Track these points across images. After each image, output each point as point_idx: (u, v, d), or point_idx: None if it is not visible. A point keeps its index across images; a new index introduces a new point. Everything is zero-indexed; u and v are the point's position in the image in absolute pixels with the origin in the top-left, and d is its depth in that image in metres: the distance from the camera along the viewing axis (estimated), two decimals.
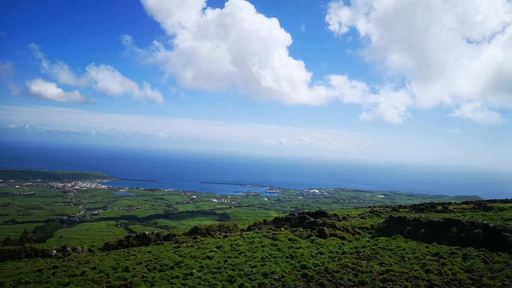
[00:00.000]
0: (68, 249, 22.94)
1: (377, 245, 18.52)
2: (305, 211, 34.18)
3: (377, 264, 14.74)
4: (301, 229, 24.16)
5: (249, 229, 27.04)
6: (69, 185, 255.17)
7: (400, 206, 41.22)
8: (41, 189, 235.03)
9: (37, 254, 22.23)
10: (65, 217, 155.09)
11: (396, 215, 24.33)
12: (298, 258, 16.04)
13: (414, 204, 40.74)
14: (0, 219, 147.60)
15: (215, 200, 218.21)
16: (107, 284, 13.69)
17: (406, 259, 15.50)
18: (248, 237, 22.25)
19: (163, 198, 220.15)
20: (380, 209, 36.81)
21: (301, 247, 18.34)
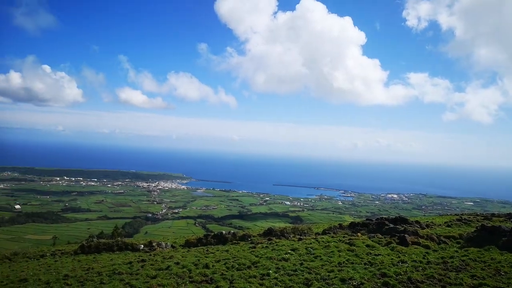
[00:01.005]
0: (153, 244, 24.67)
1: (467, 256, 16.94)
2: (383, 216, 32.60)
3: (467, 277, 13.50)
4: (380, 236, 23.09)
5: (324, 233, 26.61)
6: (153, 185, 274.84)
7: (493, 215, 37.26)
8: (129, 188, 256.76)
9: (127, 248, 24.26)
10: (150, 215, 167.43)
11: (489, 225, 22.04)
12: (378, 265, 15.35)
13: (510, 213, 36.56)
14: (95, 214, 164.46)
15: (288, 203, 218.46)
16: (190, 279, 14.49)
17: (502, 273, 13.94)
18: (323, 241, 21.89)
19: (237, 199, 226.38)
20: (469, 217, 33.65)
21: (380, 254, 17.53)
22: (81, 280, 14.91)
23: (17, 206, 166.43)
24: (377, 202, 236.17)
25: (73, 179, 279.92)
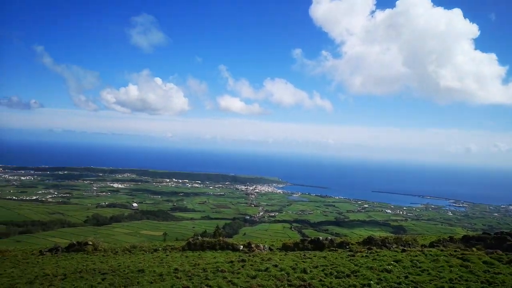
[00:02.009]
0: (252, 245, 25.47)
1: None
2: (505, 231, 28.58)
3: None
4: (500, 252, 20.27)
5: (431, 245, 24.40)
6: (251, 188, 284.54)
7: None
8: (228, 190, 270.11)
9: (228, 247, 25.47)
10: (248, 217, 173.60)
11: None
12: (498, 286, 13.52)
13: None
14: (199, 214, 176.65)
15: (389, 211, 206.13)
16: (288, 283, 14.62)
17: None
18: (431, 254, 20.08)
19: (333, 205, 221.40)
20: None
21: (500, 273, 15.40)
22: (189, 275, 16.15)
23: (135, 205, 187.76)
24: (496, 214, 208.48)
25: (180, 181, 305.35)
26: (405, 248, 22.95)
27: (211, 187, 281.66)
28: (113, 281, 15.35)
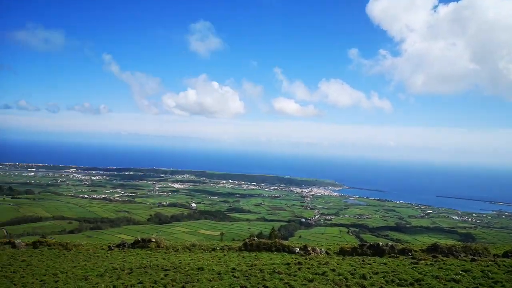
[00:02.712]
0: (308, 248, 25.19)
1: None
2: None
3: None
4: None
5: (505, 255, 22.41)
6: (306, 191, 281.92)
7: None
8: (284, 192, 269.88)
9: (284, 250, 25.42)
10: (303, 220, 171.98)
11: None
12: None
13: None
14: (254, 216, 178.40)
15: (455, 218, 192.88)
16: None
17: None
18: (504, 265, 18.47)
19: (394, 210, 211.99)
20: None
21: None
22: (246, 275, 16.39)
23: (193, 205, 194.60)
24: None
25: (236, 182, 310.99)
26: (474, 258, 21.32)
27: (266, 189, 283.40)
28: (174, 277, 16.04)
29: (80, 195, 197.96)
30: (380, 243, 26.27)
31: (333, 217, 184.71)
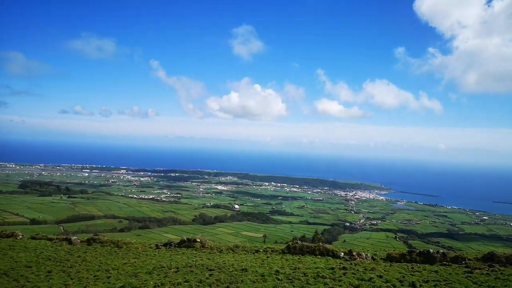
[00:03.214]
0: (354, 253, 24.55)
1: None
2: None
3: None
4: None
5: None
6: (350, 194, 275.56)
7: None
8: (327, 195, 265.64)
9: (328, 254, 24.96)
10: (347, 224, 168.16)
11: None
12: None
13: None
14: (297, 218, 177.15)
15: None
16: None
17: None
18: None
19: (445, 216, 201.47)
20: None
21: None
22: (289, 278, 16.29)
23: (236, 206, 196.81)
24: None
25: (279, 184, 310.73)
26: None
27: (309, 192, 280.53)
28: (219, 277, 16.30)
29: (129, 195, 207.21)
30: (431, 250, 25.06)
31: (379, 221, 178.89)
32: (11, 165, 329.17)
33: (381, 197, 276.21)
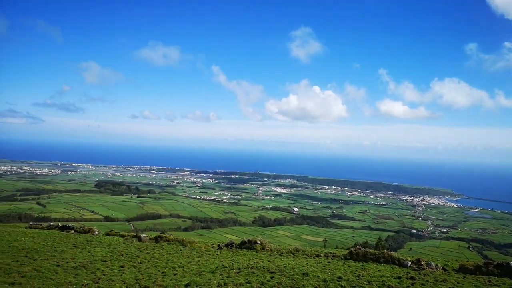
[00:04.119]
0: (422, 263, 23.15)
1: None
2: None
3: None
4: None
5: None
6: (417, 200, 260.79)
7: None
8: (391, 201, 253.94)
9: (394, 262, 23.78)
10: (414, 231, 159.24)
11: None
12: None
13: None
14: (359, 223, 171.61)
15: None
16: None
17: None
18: None
19: None
20: None
21: None
22: (353, 285, 15.79)
23: (296, 209, 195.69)
24: None
25: (339, 188, 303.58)
26: None
27: (371, 196, 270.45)
28: (280, 280, 16.29)
29: (192, 196, 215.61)
30: (511, 263, 22.83)
31: (450, 229, 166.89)
32: (88, 166, 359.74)
33: (452, 204, 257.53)
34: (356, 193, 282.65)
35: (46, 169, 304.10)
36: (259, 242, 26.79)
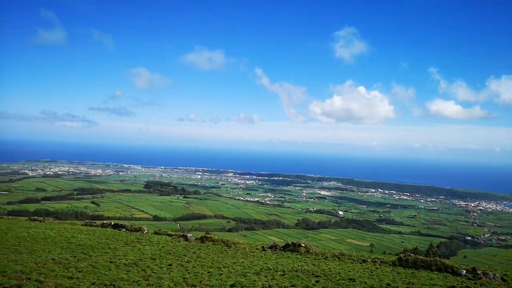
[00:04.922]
0: (478, 272, 21.77)
1: None
2: None
3: None
4: None
5: None
6: (472, 205, 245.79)
7: None
8: (443, 205, 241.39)
9: (447, 270, 22.55)
10: (469, 238, 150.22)
11: None
12: None
13: None
14: (408, 229, 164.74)
15: None
16: None
17: None
18: None
19: None
20: None
21: None
22: None
23: (340, 213, 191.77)
24: None
25: (387, 191, 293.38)
26: None
27: (421, 200, 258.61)
28: (325, 285, 16.02)
29: (236, 197, 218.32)
30: None
31: (509, 237, 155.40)
32: (138, 167, 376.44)
33: (511, 209, 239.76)
34: (405, 197, 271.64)
35: (100, 170, 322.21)
36: (303, 245, 26.52)
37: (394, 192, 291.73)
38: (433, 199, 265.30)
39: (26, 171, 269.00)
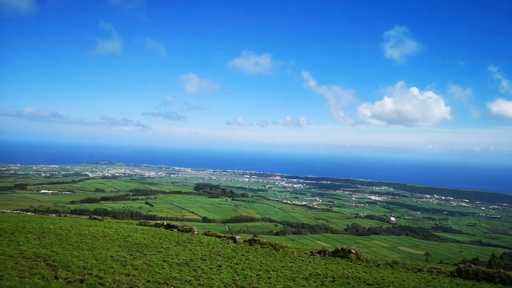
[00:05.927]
0: None
1: None
2: None
3: None
4: None
5: None
6: None
7: None
8: (507, 213, 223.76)
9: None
10: None
11: None
12: None
13: None
14: (467, 237, 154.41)
15: None
16: None
17: None
18: None
19: None
20: None
21: None
22: None
23: (392, 219, 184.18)
24: None
25: (443, 197, 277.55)
26: None
27: (482, 208, 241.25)
28: None
29: (283, 201, 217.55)
30: None
31: None
32: (188, 170, 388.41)
33: None
34: (464, 204, 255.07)
35: (153, 172, 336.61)
36: (353, 251, 25.82)
37: (452, 198, 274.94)
38: (495, 207, 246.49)
39: (87, 172, 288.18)
